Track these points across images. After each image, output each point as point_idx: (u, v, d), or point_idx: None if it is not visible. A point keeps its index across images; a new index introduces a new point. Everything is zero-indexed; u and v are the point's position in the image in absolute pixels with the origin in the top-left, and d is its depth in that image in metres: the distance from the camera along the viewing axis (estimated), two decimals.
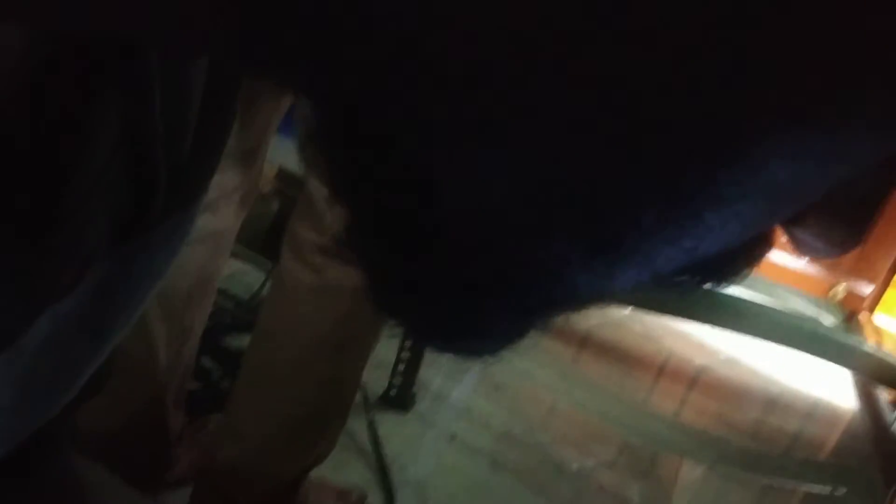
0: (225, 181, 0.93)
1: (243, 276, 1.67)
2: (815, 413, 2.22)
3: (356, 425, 1.39)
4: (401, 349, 1.49)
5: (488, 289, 0.21)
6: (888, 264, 2.69)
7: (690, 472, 1.64)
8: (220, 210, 0.95)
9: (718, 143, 0.16)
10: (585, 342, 2.16)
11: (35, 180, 0.21)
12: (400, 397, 1.50)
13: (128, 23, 0.19)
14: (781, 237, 0.24)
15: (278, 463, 0.96)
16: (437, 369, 1.70)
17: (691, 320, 2.15)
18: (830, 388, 2.34)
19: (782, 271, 2.90)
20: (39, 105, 0.20)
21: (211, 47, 0.21)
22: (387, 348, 1.59)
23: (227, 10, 0.18)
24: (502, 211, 0.18)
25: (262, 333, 0.96)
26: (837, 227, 0.22)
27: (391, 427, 1.44)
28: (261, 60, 0.20)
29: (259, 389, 0.96)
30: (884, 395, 2.14)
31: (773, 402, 2.18)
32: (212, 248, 0.97)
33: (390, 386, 1.51)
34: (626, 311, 2.32)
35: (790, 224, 0.22)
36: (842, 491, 1.78)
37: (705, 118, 0.16)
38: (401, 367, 1.50)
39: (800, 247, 0.23)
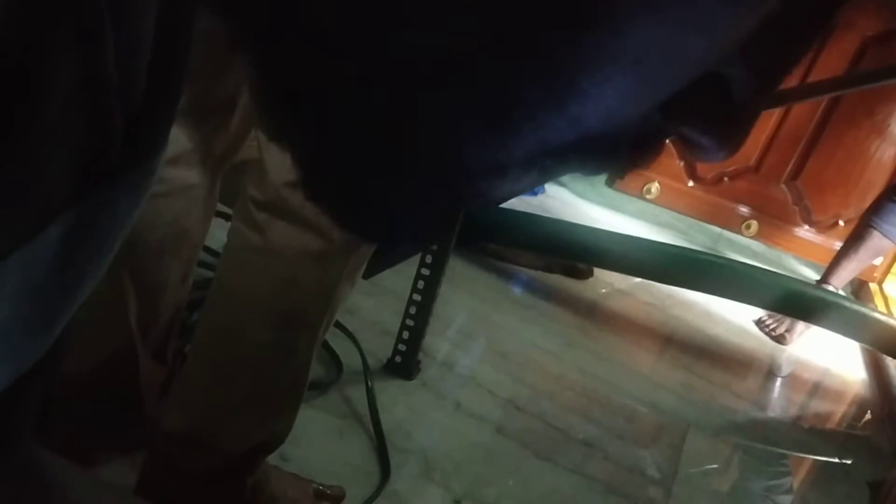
0: (197, 133, 0.90)
1: None
2: (823, 382, 2.21)
3: (356, 393, 1.39)
4: (406, 316, 1.48)
5: (394, 164, 0.22)
6: None
7: (697, 442, 1.64)
8: (194, 163, 0.92)
9: (580, 8, 0.18)
10: (592, 311, 2.15)
11: (2, 114, 0.22)
12: (405, 365, 1.49)
13: None
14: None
15: (223, 436, 0.93)
16: (442, 337, 1.69)
17: (698, 290, 2.13)
18: (839, 357, 2.32)
19: (791, 241, 2.88)
20: (9, 43, 0.21)
21: None
22: (392, 316, 1.58)
23: None
24: (402, 87, 0.20)
25: (209, 298, 0.93)
26: (719, 125, 0.24)
27: (396, 395, 1.44)
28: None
29: (202, 357, 0.93)
30: (892, 364, 2.13)
31: (781, 372, 2.17)
32: (184, 203, 0.94)
33: (395, 353, 1.50)
34: (635, 281, 2.31)
35: (676, 120, 0.23)
36: (849, 460, 1.77)
37: None
38: (405, 334, 1.49)
39: (688, 146, 0.25)
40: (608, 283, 2.31)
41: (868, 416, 2.07)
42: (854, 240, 2.23)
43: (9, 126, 0.22)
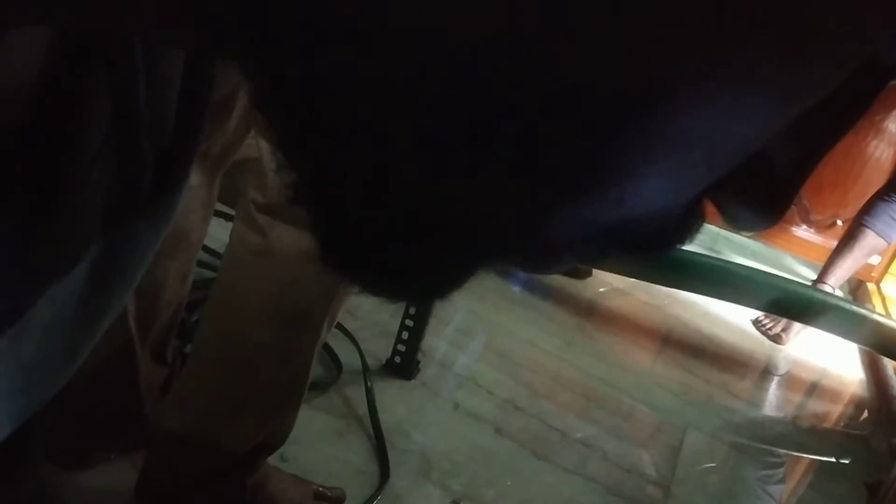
0: None
1: None
2: (820, 382, 2.22)
3: (356, 393, 1.39)
4: (405, 317, 1.48)
5: (424, 229, 0.21)
6: None
7: (695, 441, 1.64)
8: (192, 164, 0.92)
9: (626, 96, 0.17)
10: (590, 310, 2.15)
11: (40, 162, 0.22)
12: (404, 365, 1.49)
13: (101, 18, 0.20)
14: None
15: (222, 436, 0.93)
16: (441, 337, 1.70)
17: (695, 292, 2.13)
18: (836, 357, 2.33)
19: (790, 240, 2.88)
20: (43, 94, 0.21)
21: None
22: (391, 316, 1.58)
23: None
24: (438, 152, 0.19)
25: (210, 300, 0.93)
26: (759, 197, 0.23)
27: (395, 394, 1.44)
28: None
29: (204, 357, 0.94)
30: (889, 364, 2.13)
31: (778, 372, 2.18)
32: (183, 202, 0.94)
33: (394, 353, 1.50)
34: (633, 281, 2.31)
35: (716, 190, 0.23)
36: (847, 460, 1.78)
37: (614, 73, 0.16)
38: (405, 334, 1.49)
39: (727, 215, 0.24)
40: (607, 282, 2.31)
41: (865, 416, 2.08)
42: (848, 239, 2.23)
43: (49, 172, 0.22)
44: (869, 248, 2.23)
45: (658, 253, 0.24)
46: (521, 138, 0.18)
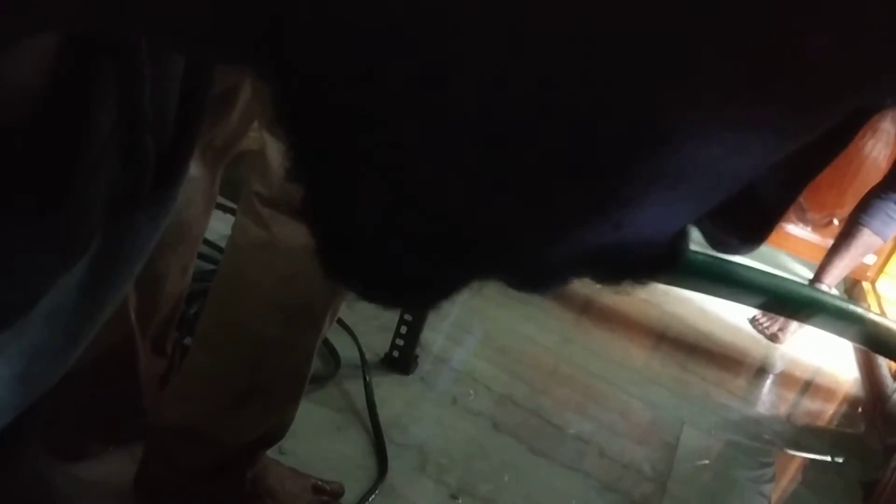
0: None
1: None
2: (815, 381, 2.23)
3: (354, 387, 1.39)
4: (403, 311, 1.48)
5: (428, 243, 0.22)
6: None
7: (691, 438, 1.64)
8: (194, 156, 0.92)
9: (635, 135, 0.17)
10: (587, 307, 2.15)
11: (49, 158, 0.23)
12: (402, 359, 1.50)
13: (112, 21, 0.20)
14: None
15: (222, 429, 0.93)
16: (439, 332, 1.70)
17: (692, 289, 2.13)
18: (831, 355, 2.34)
19: (786, 238, 2.89)
20: (53, 93, 0.22)
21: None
22: (389, 311, 1.58)
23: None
24: (456, 172, 0.19)
25: (212, 292, 0.93)
26: (743, 224, 0.24)
27: (393, 389, 1.44)
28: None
29: (205, 350, 0.94)
30: (884, 363, 2.14)
31: (774, 370, 2.18)
32: (184, 195, 0.94)
33: (392, 348, 1.50)
34: None
35: (703, 217, 0.23)
36: (841, 458, 1.79)
37: (626, 114, 0.17)
38: (403, 329, 1.49)
39: (711, 240, 0.25)
40: None
41: (859, 414, 2.09)
42: (844, 238, 2.24)
43: (58, 168, 0.23)
44: (865, 247, 2.24)
45: (646, 277, 0.25)
46: (537, 167, 0.19)
